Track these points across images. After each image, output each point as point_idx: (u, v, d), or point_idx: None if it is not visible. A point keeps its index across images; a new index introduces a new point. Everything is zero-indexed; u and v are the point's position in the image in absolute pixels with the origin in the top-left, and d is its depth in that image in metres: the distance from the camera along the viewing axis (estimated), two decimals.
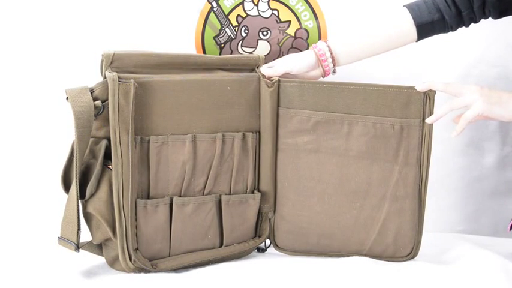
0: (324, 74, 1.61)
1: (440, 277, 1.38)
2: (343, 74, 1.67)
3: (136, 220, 1.44)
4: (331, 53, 1.58)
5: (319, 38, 1.72)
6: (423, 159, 1.52)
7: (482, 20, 1.61)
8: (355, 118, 1.53)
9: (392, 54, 1.67)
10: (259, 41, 1.72)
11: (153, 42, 1.73)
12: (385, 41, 1.59)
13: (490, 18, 1.57)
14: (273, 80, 1.56)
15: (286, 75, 1.58)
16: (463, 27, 1.60)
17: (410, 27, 1.57)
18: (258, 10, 1.70)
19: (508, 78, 1.87)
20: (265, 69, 1.57)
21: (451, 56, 1.88)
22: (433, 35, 1.59)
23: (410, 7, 1.57)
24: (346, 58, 1.60)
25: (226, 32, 1.71)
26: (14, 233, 1.80)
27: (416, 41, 1.59)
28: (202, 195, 1.51)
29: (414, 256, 1.56)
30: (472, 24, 1.61)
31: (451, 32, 1.61)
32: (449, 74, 1.87)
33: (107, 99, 1.39)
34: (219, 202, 1.54)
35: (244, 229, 1.58)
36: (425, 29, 1.57)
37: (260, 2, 1.70)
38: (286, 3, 1.70)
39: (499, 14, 1.55)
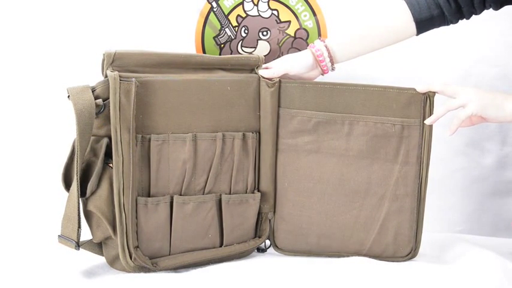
0: (323, 73, 1.61)
1: (440, 277, 1.38)
2: (344, 75, 1.67)
3: (136, 218, 1.44)
4: (328, 53, 1.58)
5: None
6: (423, 158, 1.52)
7: (483, 21, 1.61)
8: (356, 118, 1.54)
9: (393, 54, 1.68)
10: (259, 41, 1.72)
11: (154, 42, 1.73)
12: (383, 38, 1.58)
13: (491, 9, 1.57)
14: (273, 80, 1.56)
15: (285, 75, 1.59)
16: (464, 20, 1.60)
17: (409, 24, 1.56)
18: (258, 10, 1.71)
19: (507, 78, 1.87)
20: (264, 72, 1.57)
21: (451, 56, 1.88)
22: (433, 28, 1.59)
23: (409, 2, 1.56)
24: (345, 55, 1.60)
25: (226, 32, 1.71)
26: (14, 232, 1.80)
27: (416, 35, 1.59)
28: (203, 194, 1.52)
29: (414, 256, 1.57)
30: (472, 25, 1.62)
31: (447, 30, 1.61)
32: (449, 73, 1.88)
33: (108, 98, 1.40)
34: (219, 201, 1.54)
35: (244, 229, 1.58)
36: (424, 25, 1.57)
37: (260, 2, 1.70)
38: (286, 3, 1.70)
39: (500, 5, 1.55)
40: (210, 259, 1.53)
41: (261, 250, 1.65)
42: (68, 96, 1.38)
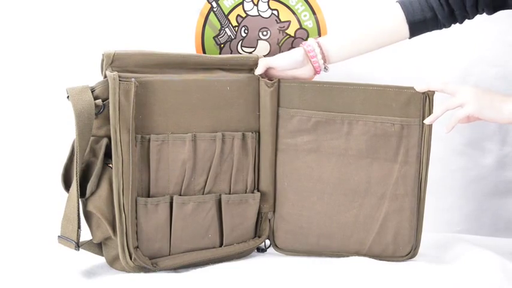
0: (315, 71, 1.61)
1: (440, 277, 1.38)
2: (343, 75, 1.67)
3: (136, 218, 1.44)
4: (320, 49, 1.57)
5: None
6: (423, 157, 1.52)
7: (482, 20, 1.61)
8: (355, 117, 1.54)
9: (392, 54, 1.68)
10: (259, 41, 1.72)
11: (153, 42, 1.73)
12: (376, 39, 1.58)
13: (484, 14, 1.57)
14: (272, 80, 1.57)
15: (275, 71, 1.58)
16: (457, 24, 1.59)
17: (402, 25, 1.56)
18: (258, 10, 1.71)
19: (507, 78, 1.87)
20: (256, 70, 1.57)
21: (451, 55, 1.88)
22: (425, 32, 1.59)
23: (403, 4, 1.56)
24: (338, 55, 1.59)
25: (226, 32, 1.71)
26: (14, 232, 1.80)
27: (409, 38, 1.59)
28: (202, 194, 1.52)
29: (414, 255, 1.57)
30: (472, 25, 1.61)
31: (446, 30, 1.60)
32: (449, 73, 1.88)
33: (107, 98, 1.40)
34: (219, 201, 1.54)
35: (244, 229, 1.58)
36: (417, 27, 1.56)
37: (260, 2, 1.70)
38: (286, 3, 1.70)
39: (493, 9, 1.54)
40: (210, 259, 1.53)
41: (261, 250, 1.65)
42: (68, 97, 1.38)
